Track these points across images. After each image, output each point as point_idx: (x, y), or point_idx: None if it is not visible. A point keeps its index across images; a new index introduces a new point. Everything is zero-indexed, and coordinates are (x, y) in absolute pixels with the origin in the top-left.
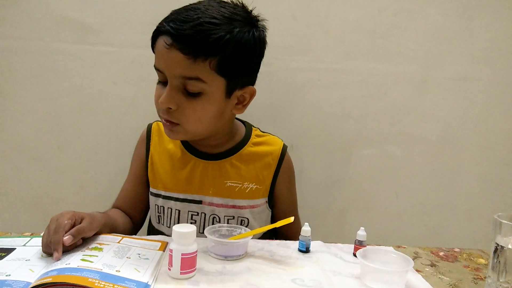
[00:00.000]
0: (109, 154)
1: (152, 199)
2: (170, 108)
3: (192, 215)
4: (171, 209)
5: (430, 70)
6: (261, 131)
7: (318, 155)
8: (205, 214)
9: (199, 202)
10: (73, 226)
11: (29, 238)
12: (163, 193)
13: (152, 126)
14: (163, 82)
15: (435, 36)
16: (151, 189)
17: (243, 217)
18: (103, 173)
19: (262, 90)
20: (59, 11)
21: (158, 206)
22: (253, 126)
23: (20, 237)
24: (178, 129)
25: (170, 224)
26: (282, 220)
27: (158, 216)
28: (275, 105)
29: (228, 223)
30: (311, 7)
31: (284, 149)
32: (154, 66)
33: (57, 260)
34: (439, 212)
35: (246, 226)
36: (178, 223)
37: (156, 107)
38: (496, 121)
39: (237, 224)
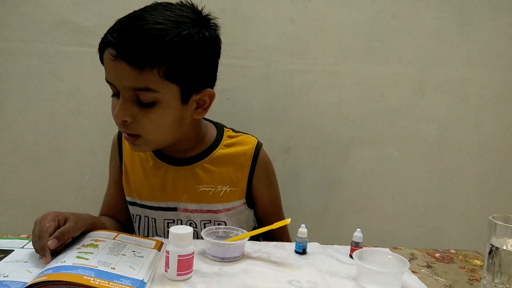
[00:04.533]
0: (107, 156)
1: (129, 207)
2: (126, 121)
3: (168, 223)
4: (148, 218)
5: (427, 73)
6: (234, 131)
7: (316, 156)
8: (181, 221)
9: (174, 209)
10: (57, 227)
11: (28, 241)
12: (138, 201)
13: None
14: (116, 94)
15: (431, 39)
16: (127, 197)
17: (219, 221)
18: (100, 175)
19: (260, 92)
20: (58, 13)
21: (134, 215)
22: (225, 127)
23: (18, 239)
24: (139, 141)
25: (147, 234)
26: (279, 222)
27: (134, 225)
28: (272, 107)
29: (205, 227)
30: (308, 10)
31: (258, 147)
32: (105, 79)
33: (47, 263)
34: (435, 214)
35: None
36: (156, 231)
37: (114, 121)
38: (492, 123)
39: None
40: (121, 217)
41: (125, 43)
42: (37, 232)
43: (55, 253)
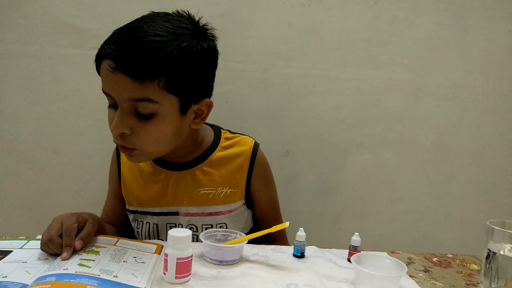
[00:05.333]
0: (104, 158)
1: (130, 216)
2: (124, 133)
3: (170, 226)
4: (149, 224)
5: (424, 78)
6: (231, 132)
7: (313, 160)
8: (181, 225)
9: (175, 213)
10: (78, 228)
11: (26, 241)
12: (139, 209)
13: None
14: (113, 106)
15: (429, 44)
16: (127, 207)
17: (220, 223)
18: (98, 177)
19: (258, 96)
20: (56, 15)
21: (137, 221)
22: (222, 129)
23: (17, 239)
24: (136, 153)
25: (149, 238)
26: (277, 225)
27: (137, 231)
28: (270, 111)
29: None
30: (307, 15)
31: (255, 147)
32: (102, 89)
33: (64, 260)
34: (432, 218)
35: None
36: (158, 236)
37: (111, 133)
38: (489, 128)
39: None
40: (120, 226)
41: (124, 55)
42: (59, 229)
43: (56, 255)
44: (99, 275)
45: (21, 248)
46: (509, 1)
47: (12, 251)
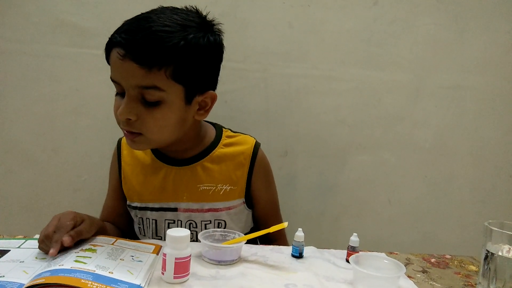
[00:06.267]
0: (103, 157)
1: (131, 212)
2: (130, 119)
3: (169, 223)
4: (149, 220)
5: (423, 79)
6: (232, 131)
7: (313, 161)
8: (181, 222)
9: (175, 209)
10: (74, 227)
11: (24, 240)
12: (139, 205)
13: (122, 141)
14: (121, 93)
15: (428, 45)
16: (128, 203)
17: (220, 220)
18: (97, 176)
19: (257, 96)
20: (56, 14)
21: (137, 217)
22: (224, 127)
23: (15, 239)
24: (140, 139)
25: (150, 235)
26: (276, 225)
27: (139, 227)
28: (270, 110)
29: (205, 228)
30: (307, 15)
31: (257, 146)
32: (110, 77)
33: (51, 256)
34: (431, 219)
35: (224, 229)
36: (156, 233)
37: (116, 119)
38: (488, 129)
39: (214, 227)
40: (120, 223)
41: (134, 43)
42: (56, 226)
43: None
44: (95, 271)
45: (18, 247)
46: (508, 2)
47: (9, 250)
